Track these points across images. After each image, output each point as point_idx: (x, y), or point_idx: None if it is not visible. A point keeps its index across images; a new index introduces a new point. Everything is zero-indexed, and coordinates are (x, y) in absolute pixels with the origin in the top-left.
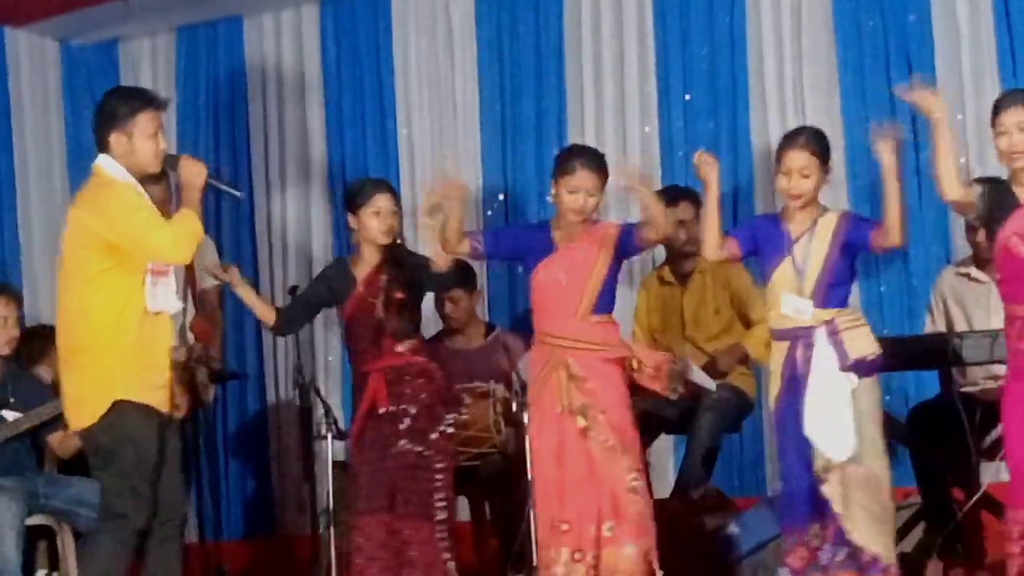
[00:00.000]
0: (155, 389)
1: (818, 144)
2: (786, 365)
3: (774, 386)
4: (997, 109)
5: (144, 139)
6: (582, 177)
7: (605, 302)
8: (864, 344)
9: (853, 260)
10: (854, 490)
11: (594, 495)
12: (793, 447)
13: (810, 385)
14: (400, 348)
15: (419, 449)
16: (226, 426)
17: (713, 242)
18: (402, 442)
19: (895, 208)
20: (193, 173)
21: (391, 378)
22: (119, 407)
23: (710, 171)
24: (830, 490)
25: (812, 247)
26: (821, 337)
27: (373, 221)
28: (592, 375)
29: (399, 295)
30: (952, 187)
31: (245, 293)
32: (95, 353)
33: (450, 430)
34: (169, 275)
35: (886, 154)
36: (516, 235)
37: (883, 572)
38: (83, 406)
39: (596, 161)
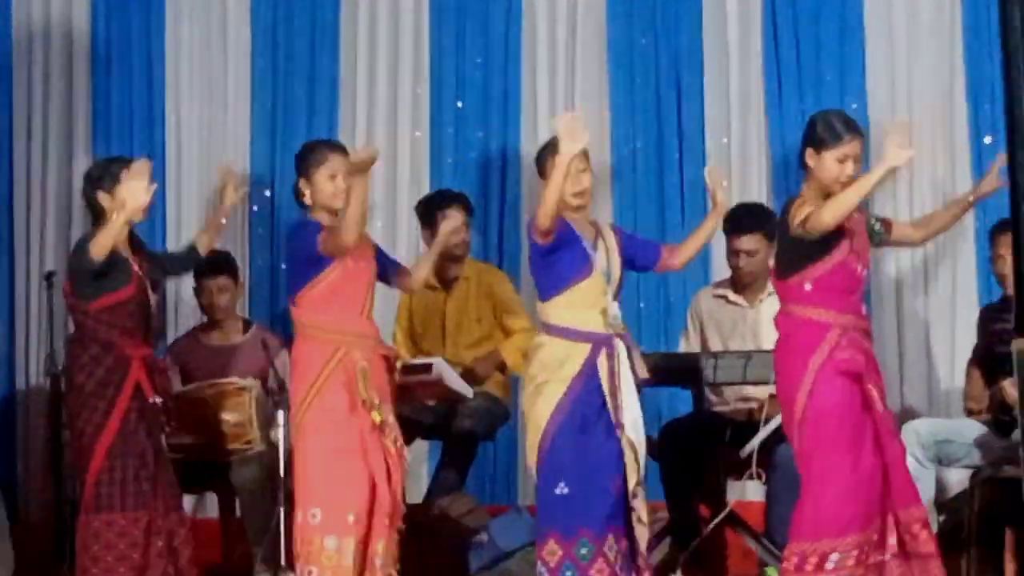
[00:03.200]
0: None
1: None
2: (586, 368)
3: (557, 388)
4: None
5: None
6: (335, 161)
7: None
8: (644, 367)
9: None
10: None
11: (387, 488)
12: (597, 452)
13: (626, 396)
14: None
15: (169, 443)
16: None
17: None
18: (164, 437)
19: (701, 243)
20: None
21: (150, 368)
22: None
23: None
24: (639, 506)
25: (611, 258)
26: (622, 349)
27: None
28: (377, 371)
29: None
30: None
31: None
32: None
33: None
34: None
35: (720, 194)
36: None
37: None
38: None
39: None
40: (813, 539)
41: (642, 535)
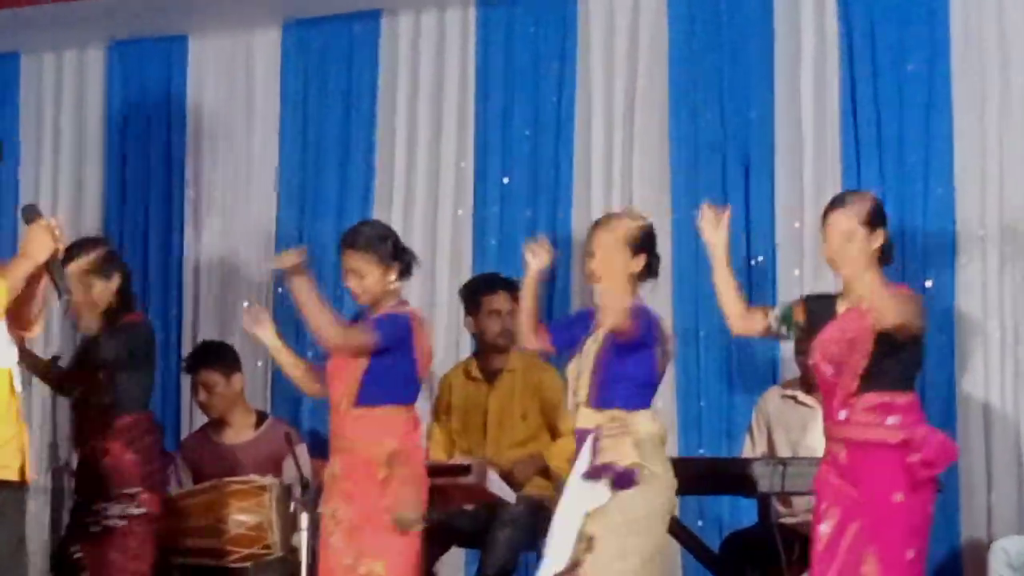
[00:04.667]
0: None
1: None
2: None
3: None
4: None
5: None
6: (349, 258)
7: (368, 393)
8: (616, 452)
9: (643, 355)
10: None
11: None
12: None
13: (565, 491)
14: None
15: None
16: None
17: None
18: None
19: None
20: (40, 243)
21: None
22: None
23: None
24: None
25: (595, 341)
26: (588, 442)
27: None
28: (350, 473)
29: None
30: (735, 323)
31: None
32: None
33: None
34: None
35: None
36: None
37: None
38: None
39: (361, 240)
40: None
41: None
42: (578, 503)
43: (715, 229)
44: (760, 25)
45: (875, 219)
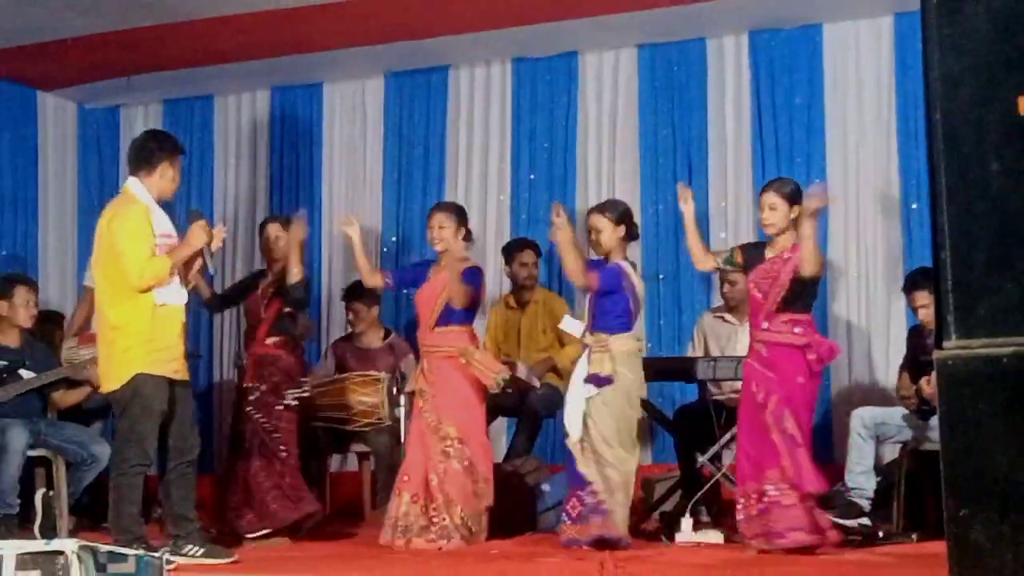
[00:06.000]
0: (167, 363)
1: (611, 210)
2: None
3: None
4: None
5: (176, 175)
6: (435, 218)
7: (450, 317)
8: (598, 365)
9: (616, 297)
10: (603, 465)
11: (422, 456)
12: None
13: (570, 386)
14: (268, 341)
15: (262, 418)
16: None
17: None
18: (249, 409)
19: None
20: (198, 236)
21: (256, 361)
22: (137, 378)
23: (685, 202)
24: (582, 464)
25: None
26: (585, 354)
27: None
28: (435, 369)
29: (276, 306)
30: (698, 262)
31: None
32: (117, 334)
33: (294, 403)
34: (174, 274)
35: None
36: (409, 272)
37: (606, 515)
38: (111, 374)
39: (446, 206)
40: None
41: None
42: (577, 395)
43: (685, 201)
44: (698, 75)
45: (794, 197)
